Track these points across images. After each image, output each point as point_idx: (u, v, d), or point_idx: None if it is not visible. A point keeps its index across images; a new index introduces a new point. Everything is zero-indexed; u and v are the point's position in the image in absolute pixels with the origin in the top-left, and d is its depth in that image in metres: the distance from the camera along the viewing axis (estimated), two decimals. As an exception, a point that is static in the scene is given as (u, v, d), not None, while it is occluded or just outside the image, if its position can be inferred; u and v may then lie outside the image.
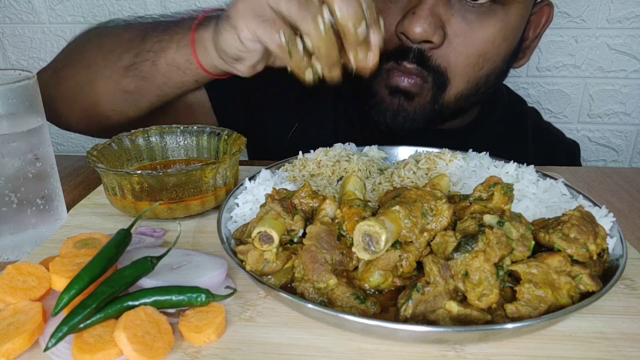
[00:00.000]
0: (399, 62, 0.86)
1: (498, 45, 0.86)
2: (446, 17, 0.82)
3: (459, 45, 0.84)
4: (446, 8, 0.82)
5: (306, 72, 0.65)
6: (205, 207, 0.72)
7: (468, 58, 0.86)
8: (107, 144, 0.77)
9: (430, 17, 0.80)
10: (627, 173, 0.96)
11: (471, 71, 0.88)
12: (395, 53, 0.86)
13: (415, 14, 0.81)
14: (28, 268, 0.52)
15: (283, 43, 0.62)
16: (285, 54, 0.63)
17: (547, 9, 0.94)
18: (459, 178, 0.72)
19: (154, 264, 0.52)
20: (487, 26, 0.84)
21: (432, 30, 0.81)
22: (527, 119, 1.18)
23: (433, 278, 0.49)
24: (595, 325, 0.51)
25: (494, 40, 0.85)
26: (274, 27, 0.62)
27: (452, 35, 0.83)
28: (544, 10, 0.94)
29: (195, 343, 0.48)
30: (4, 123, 0.62)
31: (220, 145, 0.82)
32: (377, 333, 0.48)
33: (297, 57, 0.63)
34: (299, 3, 0.60)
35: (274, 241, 0.53)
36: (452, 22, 0.83)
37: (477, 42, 0.84)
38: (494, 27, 0.84)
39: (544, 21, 0.95)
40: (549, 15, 0.95)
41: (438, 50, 0.84)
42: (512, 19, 0.85)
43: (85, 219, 0.73)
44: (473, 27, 0.83)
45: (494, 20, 0.84)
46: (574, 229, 0.53)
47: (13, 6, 1.62)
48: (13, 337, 0.45)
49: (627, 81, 1.58)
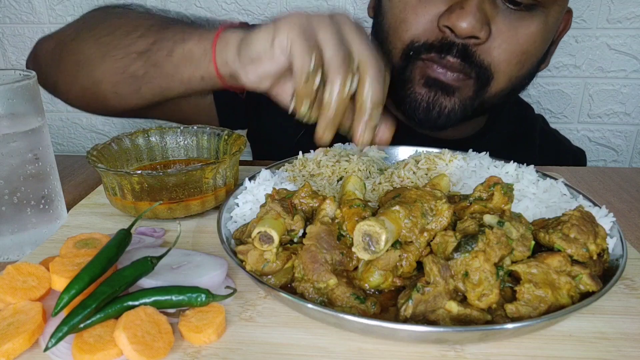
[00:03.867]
0: (441, 55, 0.85)
1: (538, 45, 0.87)
2: (492, 14, 0.82)
3: (503, 42, 0.84)
4: (492, 5, 0.82)
5: (304, 103, 0.67)
6: (205, 207, 0.72)
7: (512, 55, 0.85)
8: (107, 144, 0.77)
9: (477, 12, 0.80)
10: (627, 173, 0.96)
11: (514, 69, 0.87)
12: (437, 46, 0.85)
13: (463, 9, 0.80)
14: (28, 268, 0.52)
15: (310, 68, 0.64)
16: (302, 77, 0.65)
17: (567, 16, 0.95)
18: (459, 178, 0.72)
19: (154, 264, 0.52)
20: (530, 25, 0.84)
21: (479, 26, 0.80)
22: (535, 125, 1.18)
23: (433, 278, 0.49)
24: (595, 325, 0.51)
25: (535, 40, 0.86)
26: (309, 51, 0.64)
27: (496, 32, 0.83)
28: (564, 17, 0.94)
29: (195, 343, 0.48)
30: (4, 123, 0.62)
31: (220, 145, 0.82)
32: (377, 333, 0.48)
33: (309, 88, 0.65)
34: (342, 56, 0.64)
35: (274, 241, 0.53)
36: (498, 20, 0.83)
37: (520, 39, 0.84)
38: (537, 27, 0.84)
39: (563, 27, 0.96)
40: (568, 21, 0.95)
41: (482, 46, 0.84)
42: (551, 21, 0.86)
43: (85, 219, 0.73)
44: (517, 25, 0.83)
45: (536, 21, 0.84)
46: (574, 229, 0.53)
47: (13, 6, 1.62)
48: (13, 337, 0.45)
49: (627, 81, 1.58)
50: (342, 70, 0.64)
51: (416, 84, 0.89)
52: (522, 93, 1.17)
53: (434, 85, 0.88)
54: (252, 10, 1.57)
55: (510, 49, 0.85)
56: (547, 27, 0.86)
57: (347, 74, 0.64)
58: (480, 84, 0.87)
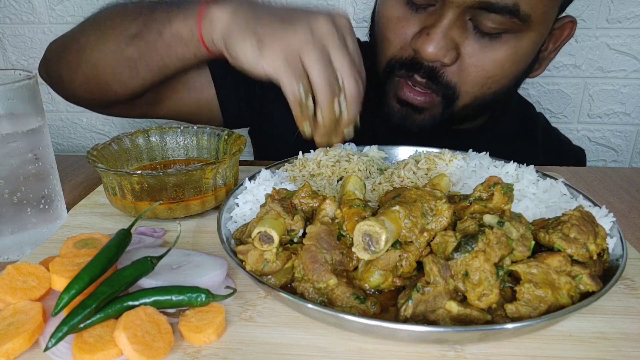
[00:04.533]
0: (410, 74, 0.88)
1: (507, 69, 0.87)
2: (460, 39, 0.83)
3: (469, 66, 0.85)
4: (461, 31, 0.82)
5: (305, 125, 0.75)
6: (205, 207, 0.72)
7: (476, 78, 0.87)
8: (107, 144, 0.77)
9: (443, 40, 0.81)
10: (627, 173, 0.96)
11: (478, 90, 0.89)
12: (407, 64, 0.88)
13: (429, 35, 0.82)
14: (28, 268, 0.52)
15: (301, 97, 0.71)
16: (296, 107, 0.72)
17: (570, 25, 0.94)
18: (459, 178, 0.72)
19: (154, 264, 0.52)
20: (498, 51, 0.84)
21: (443, 52, 0.82)
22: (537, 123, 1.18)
23: (433, 278, 0.49)
24: (595, 325, 0.51)
25: (503, 65, 0.86)
26: (297, 80, 0.70)
27: (465, 55, 0.84)
28: (566, 26, 0.94)
29: (195, 343, 0.48)
30: (4, 123, 0.62)
31: (220, 145, 0.82)
32: (377, 333, 0.48)
33: (305, 113, 0.73)
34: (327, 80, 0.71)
35: (274, 241, 0.53)
36: (466, 44, 0.83)
37: (486, 65, 0.85)
38: (505, 53, 0.84)
39: (566, 35, 0.95)
40: (571, 30, 0.95)
41: (450, 67, 0.85)
42: (524, 46, 0.85)
43: (85, 219, 0.73)
44: (485, 50, 0.84)
45: (505, 47, 0.84)
46: (574, 229, 0.53)
47: (13, 6, 1.62)
48: (13, 337, 0.45)
49: (627, 81, 1.58)
50: (328, 94, 0.71)
51: (391, 98, 0.93)
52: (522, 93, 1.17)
53: (405, 105, 0.92)
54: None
55: (476, 72, 0.86)
56: (519, 52, 0.86)
57: (333, 97, 0.72)
58: (446, 103, 0.90)
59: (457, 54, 0.84)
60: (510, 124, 1.11)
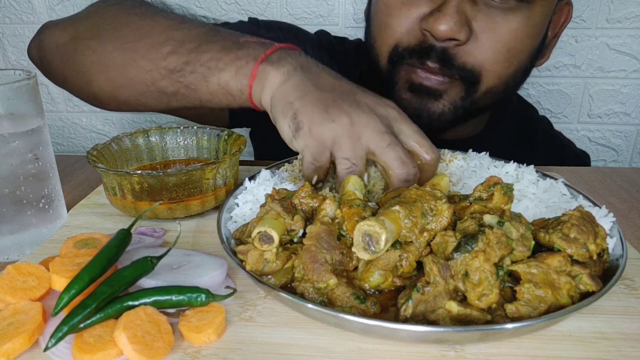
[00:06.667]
0: (421, 60, 0.85)
1: (523, 41, 0.86)
2: (472, 14, 0.82)
3: (486, 41, 0.83)
4: (472, 4, 0.81)
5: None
6: (205, 207, 0.72)
7: (496, 53, 0.85)
8: (107, 144, 0.77)
9: (456, 14, 0.79)
10: (627, 173, 0.96)
11: (501, 67, 0.87)
12: (417, 50, 0.85)
13: (440, 12, 0.80)
14: (28, 268, 0.52)
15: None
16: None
17: (567, 8, 0.94)
18: (459, 178, 0.72)
19: (154, 264, 0.52)
20: (511, 22, 0.83)
21: (457, 28, 0.80)
22: (538, 126, 1.17)
23: (433, 278, 0.49)
24: (595, 325, 0.51)
25: (518, 36, 0.85)
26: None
27: (478, 31, 0.83)
28: (563, 10, 0.94)
29: (195, 343, 0.48)
30: (4, 123, 0.62)
31: (220, 145, 0.82)
32: (377, 333, 0.48)
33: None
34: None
35: (274, 241, 0.53)
36: (478, 19, 0.82)
37: (502, 37, 0.84)
38: (518, 24, 0.84)
39: (564, 20, 0.95)
40: (568, 14, 0.94)
41: (463, 47, 0.83)
42: (535, 17, 0.85)
43: (85, 219, 0.73)
44: (498, 22, 0.83)
45: (518, 17, 0.83)
46: (574, 229, 0.53)
47: (13, 6, 1.62)
48: (13, 337, 0.45)
49: (627, 81, 1.58)
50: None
51: (402, 88, 0.89)
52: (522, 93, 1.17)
53: (419, 91, 0.88)
54: (251, 11, 1.57)
55: (494, 47, 0.84)
56: (531, 23, 0.85)
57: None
58: (467, 85, 0.87)
59: (470, 31, 0.82)
60: (509, 131, 1.10)
